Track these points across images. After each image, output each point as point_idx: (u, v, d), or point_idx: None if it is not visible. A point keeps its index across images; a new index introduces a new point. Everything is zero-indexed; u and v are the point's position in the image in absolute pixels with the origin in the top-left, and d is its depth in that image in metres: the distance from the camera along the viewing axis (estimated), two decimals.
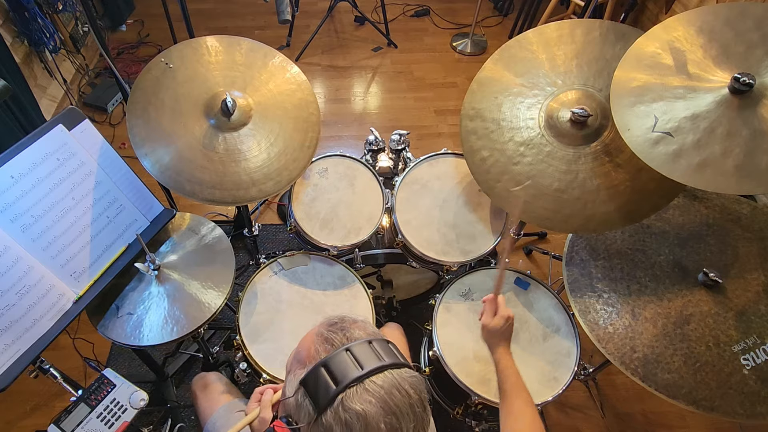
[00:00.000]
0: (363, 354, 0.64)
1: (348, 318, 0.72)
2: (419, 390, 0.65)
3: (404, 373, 0.64)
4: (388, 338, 0.71)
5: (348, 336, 0.68)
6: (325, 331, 0.70)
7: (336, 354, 0.64)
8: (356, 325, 0.71)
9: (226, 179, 1.28)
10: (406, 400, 0.62)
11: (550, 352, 1.34)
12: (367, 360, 0.63)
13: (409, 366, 0.67)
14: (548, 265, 2.26)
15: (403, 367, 0.65)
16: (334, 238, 1.49)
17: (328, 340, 0.68)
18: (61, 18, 2.62)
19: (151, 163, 1.24)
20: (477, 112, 1.33)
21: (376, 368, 0.63)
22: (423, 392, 0.65)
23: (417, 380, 0.65)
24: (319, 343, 0.68)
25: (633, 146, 1.04)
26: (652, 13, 3.00)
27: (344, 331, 0.69)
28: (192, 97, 1.31)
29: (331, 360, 0.64)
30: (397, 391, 0.62)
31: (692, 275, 1.22)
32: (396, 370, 0.64)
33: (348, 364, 0.63)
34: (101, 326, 1.20)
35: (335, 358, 0.64)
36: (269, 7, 3.52)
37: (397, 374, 0.63)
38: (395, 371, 0.64)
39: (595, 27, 1.26)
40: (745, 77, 0.94)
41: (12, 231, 1.04)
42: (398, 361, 0.66)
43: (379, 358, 0.64)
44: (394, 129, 1.78)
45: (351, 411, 0.59)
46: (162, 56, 1.31)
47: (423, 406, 0.64)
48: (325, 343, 0.68)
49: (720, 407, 1.08)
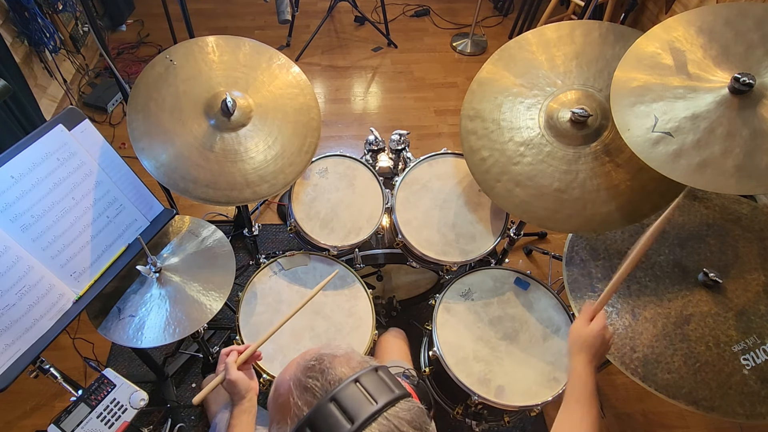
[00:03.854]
0: (351, 401, 0.57)
1: (326, 354, 0.64)
2: (419, 424, 0.58)
3: (401, 412, 0.58)
4: (390, 345, 0.65)
5: (330, 379, 0.60)
6: (303, 377, 0.61)
7: (320, 408, 0.57)
8: (337, 360, 0.63)
9: (221, 179, 1.28)
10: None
11: (550, 352, 1.34)
12: (357, 408, 0.56)
13: (404, 396, 0.60)
14: (548, 265, 2.26)
15: (399, 402, 0.59)
16: (334, 238, 1.49)
17: (308, 390, 0.59)
18: (61, 18, 2.62)
19: (148, 158, 1.24)
20: (477, 112, 1.33)
21: (368, 417, 0.55)
22: (425, 423, 0.59)
23: (415, 413, 0.59)
24: (299, 395, 0.60)
25: (633, 146, 1.04)
26: (652, 13, 3.00)
27: (324, 374, 0.60)
28: (193, 95, 1.31)
29: (316, 416, 0.56)
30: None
31: (692, 275, 1.22)
32: (391, 410, 0.57)
33: (336, 420, 0.55)
34: (103, 328, 1.20)
35: (320, 413, 0.56)
36: (269, 7, 3.52)
37: (393, 416, 0.57)
38: (390, 413, 0.57)
39: (594, 28, 1.26)
40: (745, 77, 0.94)
41: (12, 231, 1.04)
42: (392, 396, 0.59)
43: (370, 401, 0.57)
44: (394, 129, 1.78)
45: None
46: (167, 53, 1.31)
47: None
48: (304, 393, 0.60)
49: (720, 407, 1.08)
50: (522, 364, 1.32)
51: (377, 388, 0.59)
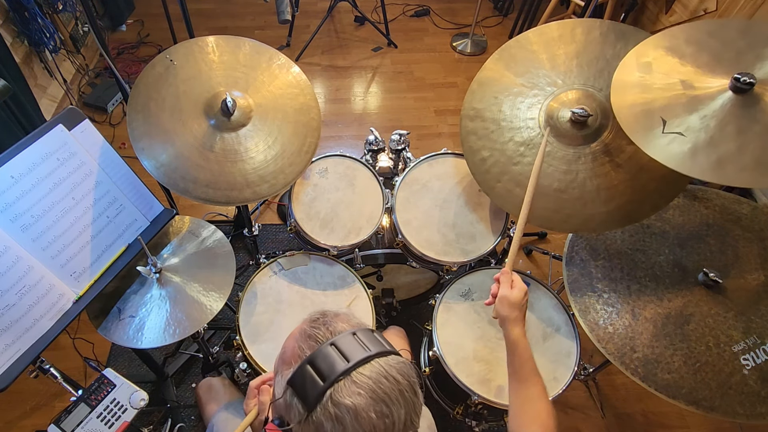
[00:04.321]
0: (348, 346, 0.64)
1: (330, 312, 0.72)
2: (407, 375, 0.65)
3: (391, 361, 0.64)
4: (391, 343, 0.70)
5: (331, 330, 0.67)
6: (308, 327, 0.69)
7: (320, 350, 0.64)
8: (339, 317, 0.70)
9: (221, 179, 1.28)
10: (395, 387, 0.62)
11: (550, 352, 1.34)
12: (353, 352, 0.63)
13: (395, 353, 0.67)
14: (548, 265, 2.26)
15: (390, 355, 0.65)
16: (334, 238, 1.49)
17: (312, 337, 0.67)
18: (61, 18, 2.62)
19: (148, 158, 1.24)
20: (477, 113, 1.33)
21: (362, 359, 0.62)
22: (412, 377, 0.65)
23: (405, 366, 0.65)
24: (303, 341, 0.67)
25: (645, 147, 1.02)
26: (652, 13, 3.00)
27: (327, 326, 0.68)
28: (193, 95, 1.31)
29: (316, 356, 0.63)
30: (385, 379, 0.62)
31: (692, 275, 1.22)
32: (383, 359, 0.64)
33: (334, 359, 0.62)
34: (103, 329, 1.20)
35: (320, 353, 0.63)
36: (269, 7, 3.52)
37: (384, 362, 0.63)
38: (382, 360, 0.64)
39: (595, 26, 1.26)
40: (745, 77, 0.94)
41: (12, 231, 1.04)
42: (384, 349, 0.66)
43: (364, 348, 0.64)
44: (394, 129, 1.78)
45: (341, 405, 0.59)
46: (167, 53, 1.31)
47: (413, 391, 0.64)
48: (308, 339, 0.67)
49: (720, 407, 1.08)
50: None
51: (372, 341, 0.66)
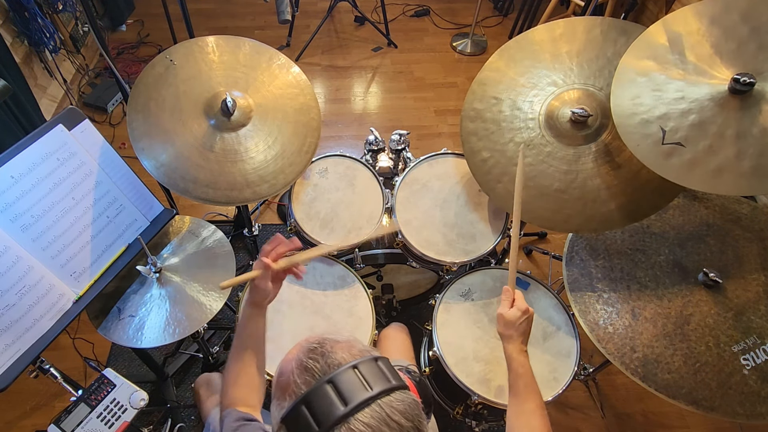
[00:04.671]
0: (347, 385, 0.59)
1: (329, 339, 0.66)
2: (413, 416, 0.59)
3: (394, 401, 0.59)
4: (392, 340, 0.67)
5: (329, 362, 0.62)
6: (304, 358, 0.63)
7: (317, 388, 0.59)
8: (339, 346, 0.64)
9: (221, 179, 1.28)
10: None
11: (550, 352, 1.34)
12: (352, 392, 0.58)
13: (401, 387, 0.61)
14: (548, 265, 2.26)
15: (394, 392, 0.60)
16: (334, 238, 1.49)
17: (308, 370, 0.62)
18: (61, 18, 2.62)
19: (148, 158, 1.24)
20: (477, 113, 1.33)
21: (361, 402, 0.57)
22: (417, 416, 0.60)
23: (409, 405, 0.60)
24: (299, 374, 0.62)
25: (646, 161, 1.02)
26: (652, 13, 3.00)
27: (325, 357, 0.62)
28: (193, 95, 1.31)
29: (312, 396, 0.58)
30: (387, 427, 0.56)
31: (692, 275, 1.22)
32: (386, 399, 0.58)
33: (331, 400, 0.57)
34: (103, 328, 1.20)
35: (316, 393, 0.58)
36: (269, 7, 3.52)
37: (387, 405, 0.58)
38: (384, 401, 0.58)
39: (596, 24, 1.26)
40: (745, 77, 0.94)
41: (12, 231, 1.04)
42: (388, 386, 0.60)
43: (365, 387, 0.59)
44: (394, 129, 1.78)
45: None
46: (167, 53, 1.31)
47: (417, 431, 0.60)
48: (305, 373, 0.62)
49: (720, 407, 1.08)
50: None
51: (374, 376, 0.61)
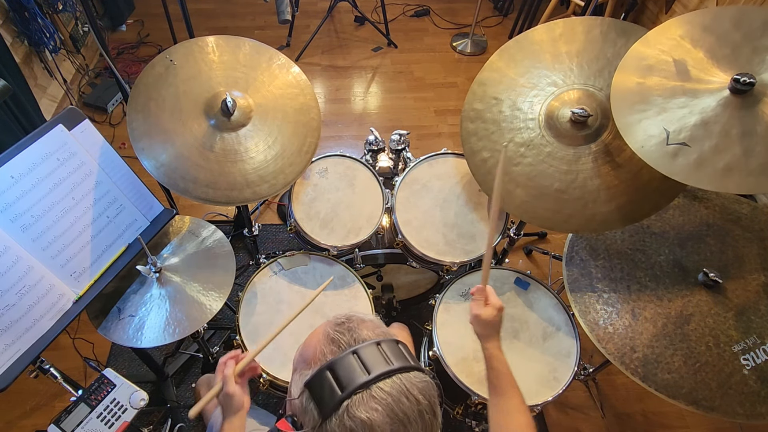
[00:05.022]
0: (370, 357, 0.62)
1: (356, 317, 0.70)
2: (429, 395, 0.62)
3: (413, 378, 0.62)
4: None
5: (355, 337, 0.65)
6: (332, 330, 0.67)
7: (342, 357, 0.62)
8: (364, 324, 0.68)
9: (221, 179, 1.28)
10: (414, 407, 0.59)
11: (550, 352, 1.34)
12: (375, 364, 0.61)
13: (420, 369, 0.64)
14: (548, 265, 2.26)
15: (413, 371, 0.63)
16: (334, 238, 1.49)
17: (335, 341, 0.65)
18: (61, 18, 2.62)
19: (148, 158, 1.24)
20: (477, 114, 1.33)
21: (383, 373, 0.60)
22: (433, 397, 0.63)
23: (427, 385, 0.63)
24: (325, 344, 0.65)
25: (652, 162, 1.01)
26: (652, 13, 3.00)
27: (351, 332, 0.66)
28: (193, 95, 1.31)
29: (337, 363, 0.61)
30: (406, 398, 0.59)
31: (692, 275, 1.22)
32: (405, 374, 0.61)
33: (354, 368, 0.60)
34: (103, 328, 1.20)
35: (341, 361, 0.62)
36: (269, 7, 3.52)
37: (406, 379, 0.61)
38: (404, 376, 0.61)
39: (596, 24, 1.26)
40: (745, 77, 0.94)
41: (12, 231, 1.04)
42: (408, 364, 0.63)
43: (387, 361, 0.62)
44: (394, 129, 1.78)
45: (356, 419, 0.57)
46: (167, 53, 1.31)
47: (433, 412, 0.62)
48: (331, 344, 0.65)
49: (720, 407, 1.08)
50: (522, 363, 1.32)
51: (396, 354, 0.64)
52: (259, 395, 1.79)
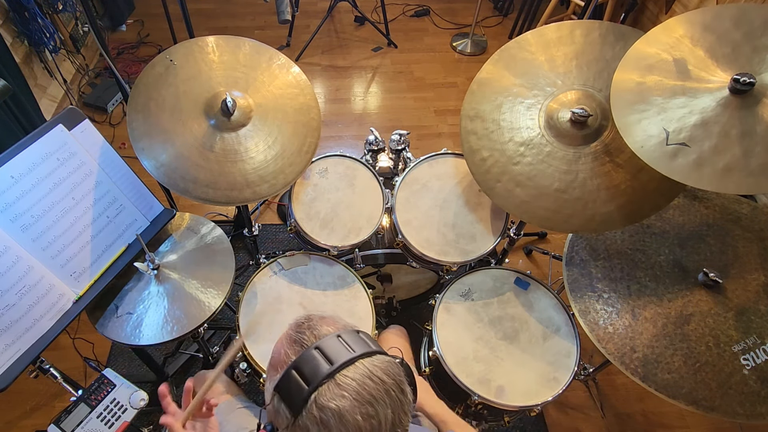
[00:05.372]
0: (332, 349, 0.64)
1: (315, 316, 0.72)
2: (394, 374, 0.64)
3: (376, 361, 0.64)
4: (391, 343, 0.70)
5: (316, 334, 0.67)
6: (293, 332, 0.69)
7: (304, 353, 0.64)
8: (324, 321, 0.70)
9: (221, 179, 1.28)
10: (380, 387, 0.62)
11: (550, 352, 1.34)
12: (337, 354, 0.63)
13: (381, 352, 0.67)
14: (548, 265, 2.26)
15: (375, 355, 0.65)
16: (334, 238, 1.49)
17: (297, 341, 0.67)
18: (61, 18, 2.62)
19: (148, 158, 1.24)
20: (477, 113, 1.33)
21: (346, 361, 0.62)
22: (399, 375, 0.65)
23: (391, 365, 0.65)
24: (288, 346, 0.68)
25: (651, 163, 1.01)
26: (652, 13, 3.00)
27: (311, 330, 0.68)
28: (193, 95, 1.31)
29: (301, 361, 0.63)
30: (370, 380, 0.62)
31: (692, 275, 1.22)
32: (367, 359, 0.64)
33: (318, 362, 0.62)
34: (100, 325, 1.20)
35: (304, 357, 0.64)
36: (269, 7, 3.52)
37: (369, 363, 0.63)
38: (366, 360, 0.63)
39: (594, 28, 1.26)
40: (745, 77, 0.94)
41: (12, 231, 1.04)
42: (369, 349, 0.65)
43: (348, 350, 0.64)
44: (394, 129, 1.78)
45: (325, 409, 0.59)
46: (167, 53, 1.31)
47: (400, 389, 0.64)
48: (294, 345, 0.67)
49: (720, 407, 1.08)
50: (522, 364, 1.32)
51: (357, 342, 0.66)
52: (260, 395, 1.79)
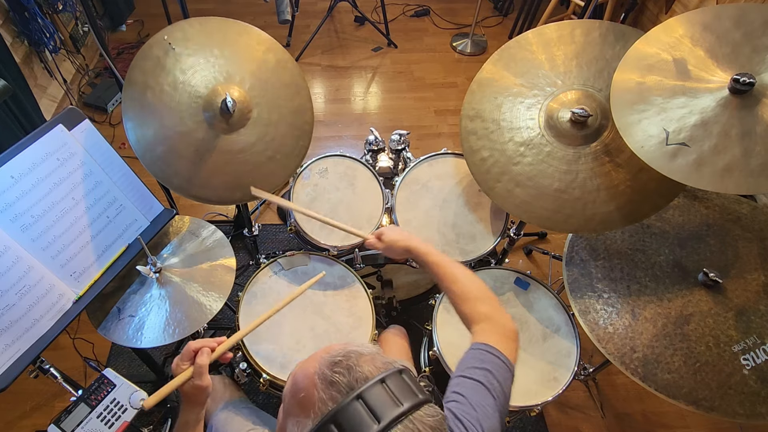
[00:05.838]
0: (377, 400, 0.57)
1: (353, 351, 0.63)
2: (441, 430, 0.59)
3: (425, 417, 0.58)
4: (391, 343, 0.66)
5: (356, 377, 0.59)
6: (329, 372, 0.61)
7: (346, 405, 0.57)
8: (364, 359, 0.62)
9: (216, 179, 1.28)
10: None
11: (550, 352, 1.34)
12: (383, 408, 0.56)
13: (428, 401, 0.61)
14: (548, 265, 2.26)
15: (423, 406, 0.59)
16: (334, 238, 1.49)
17: (334, 385, 0.59)
18: (61, 18, 2.62)
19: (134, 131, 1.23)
20: (477, 113, 1.33)
21: (394, 419, 0.56)
22: (445, 429, 0.60)
23: (438, 420, 0.59)
24: (324, 389, 0.59)
25: (651, 163, 1.01)
26: (652, 13, 3.00)
27: (351, 372, 0.60)
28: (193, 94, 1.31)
29: (342, 414, 0.56)
30: None
31: (692, 275, 1.22)
32: (416, 414, 0.58)
33: (362, 417, 0.56)
34: (103, 328, 1.20)
35: (346, 411, 0.56)
36: (269, 7, 3.52)
37: (418, 420, 0.57)
38: (415, 416, 0.57)
39: (594, 27, 1.26)
40: (745, 77, 0.94)
41: (12, 231, 1.04)
42: (416, 400, 0.59)
43: (396, 402, 0.58)
44: (394, 129, 1.78)
45: None
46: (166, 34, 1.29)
47: None
48: (330, 388, 0.59)
49: (720, 407, 1.08)
50: (522, 364, 1.32)
51: (402, 390, 0.60)
52: (260, 395, 1.79)
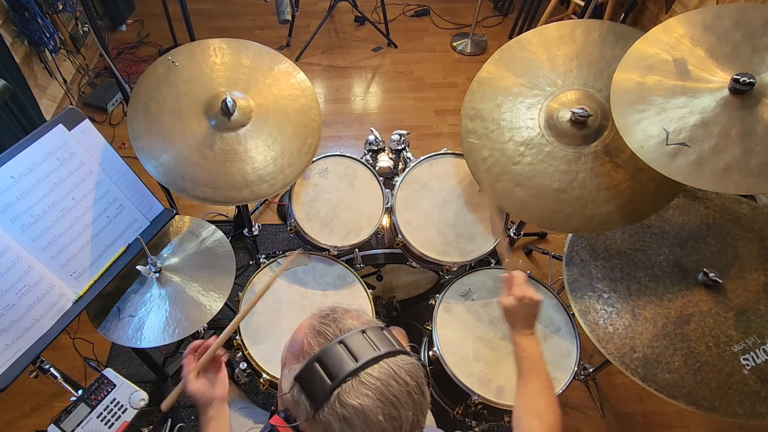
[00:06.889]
0: (357, 345, 0.63)
1: (340, 308, 0.71)
2: (416, 376, 0.64)
3: (400, 361, 0.64)
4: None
5: (341, 327, 0.67)
6: (317, 323, 0.69)
7: (329, 347, 0.63)
8: (349, 314, 0.70)
9: (220, 179, 1.28)
10: (403, 389, 0.61)
11: (550, 352, 1.34)
12: (362, 351, 0.63)
13: (405, 352, 0.66)
14: (548, 265, 2.26)
15: (399, 354, 0.65)
16: (334, 238, 1.49)
17: (321, 333, 0.67)
18: (61, 18, 2.62)
19: (148, 157, 1.24)
20: (477, 112, 1.33)
21: (371, 359, 0.62)
22: (420, 377, 0.65)
23: (414, 366, 0.65)
24: (312, 337, 0.67)
25: (651, 163, 1.01)
26: (652, 13, 3.00)
27: (337, 323, 0.68)
28: (194, 95, 1.31)
29: (325, 354, 0.63)
30: (394, 381, 0.61)
31: (692, 275, 1.22)
32: (392, 359, 0.63)
33: (342, 358, 0.62)
34: (103, 328, 1.20)
35: (329, 351, 0.63)
36: (269, 7, 3.52)
37: (393, 363, 0.63)
38: (391, 360, 0.63)
39: (595, 27, 1.26)
40: (744, 77, 0.94)
41: (12, 231, 1.04)
42: (393, 348, 0.65)
43: (373, 347, 0.64)
44: (394, 129, 1.78)
45: (348, 406, 0.59)
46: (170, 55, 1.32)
47: (421, 391, 0.64)
48: (317, 336, 0.67)
49: (720, 407, 1.08)
50: None
51: (382, 340, 0.66)
52: (260, 395, 1.79)
